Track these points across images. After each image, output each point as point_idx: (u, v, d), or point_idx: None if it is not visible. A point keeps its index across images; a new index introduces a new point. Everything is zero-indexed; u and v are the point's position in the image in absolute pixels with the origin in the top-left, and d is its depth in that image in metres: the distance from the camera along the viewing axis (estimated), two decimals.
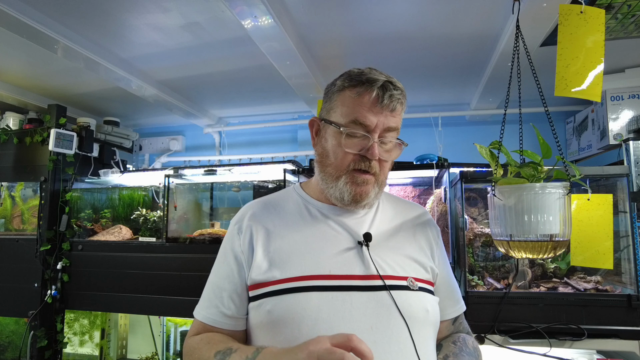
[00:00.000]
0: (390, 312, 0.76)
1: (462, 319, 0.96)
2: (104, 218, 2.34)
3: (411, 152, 2.12)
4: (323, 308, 0.75)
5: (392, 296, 0.77)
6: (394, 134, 0.84)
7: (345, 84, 0.83)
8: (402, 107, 0.84)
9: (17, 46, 1.74)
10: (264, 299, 0.78)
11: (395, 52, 1.79)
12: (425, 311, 0.80)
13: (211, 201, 2.39)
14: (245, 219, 0.88)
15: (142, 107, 2.54)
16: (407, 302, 0.78)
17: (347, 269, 0.80)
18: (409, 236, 0.90)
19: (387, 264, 0.82)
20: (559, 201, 0.87)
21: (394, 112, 0.82)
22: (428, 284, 0.85)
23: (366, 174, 0.82)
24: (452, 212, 1.78)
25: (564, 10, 1.03)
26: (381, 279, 0.79)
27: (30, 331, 2.10)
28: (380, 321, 0.75)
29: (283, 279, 0.78)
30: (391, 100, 0.80)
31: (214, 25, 1.56)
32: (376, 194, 0.85)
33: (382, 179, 0.86)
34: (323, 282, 0.78)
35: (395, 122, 0.82)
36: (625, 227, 1.50)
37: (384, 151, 0.83)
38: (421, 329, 0.78)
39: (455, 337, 0.90)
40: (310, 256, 0.81)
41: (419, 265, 0.86)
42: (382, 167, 0.85)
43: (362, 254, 0.82)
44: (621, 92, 1.82)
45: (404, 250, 0.86)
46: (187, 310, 1.98)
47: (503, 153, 0.99)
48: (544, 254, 0.90)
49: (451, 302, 0.92)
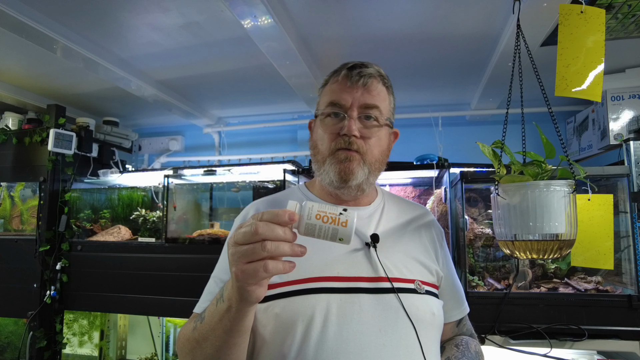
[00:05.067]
0: (399, 315, 0.76)
1: (466, 320, 0.96)
2: (103, 218, 2.33)
3: (411, 152, 2.12)
4: (332, 310, 0.74)
5: (399, 299, 0.77)
6: (375, 112, 0.84)
7: (327, 78, 0.90)
8: (378, 84, 0.85)
9: (16, 46, 1.73)
10: (272, 302, 0.77)
11: (395, 52, 1.79)
12: (431, 314, 0.80)
13: (211, 201, 2.39)
14: (249, 216, 0.88)
15: (141, 107, 2.53)
16: (415, 305, 0.78)
17: (356, 270, 0.79)
18: (414, 237, 0.90)
19: (395, 266, 0.82)
20: (564, 199, 0.86)
21: (368, 88, 0.83)
22: (433, 287, 0.86)
23: (348, 151, 0.83)
24: (453, 212, 1.78)
25: (564, 10, 1.03)
26: (389, 281, 0.78)
27: (30, 332, 2.09)
28: (389, 324, 0.75)
29: (291, 281, 0.77)
30: (360, 76, 0.83)
31: (213, 25, 1.56)
32: (366, 175, 0.84)
33: (370, 159, 0.85)
34: (332, 284, 0.77)
35: (372, 99, 0.84)
36: (625, 227, 1.50)
37: (363, 127, 0.83)
38: (428, 332, 0.79)
39: (458, 340, 0.89)
40: (318, 257, 0.79)
41: (424, 268, 0.86)
42: (368, 146, 0.84)
43: (369, 256, 0.82)
44: (621, 92, 1.81)
45: (410, 252, 0.86)
46: (187, 311, 1.96)
47: (506, 152, 0.98)
48: (550, 254, 0.88)
49: (455, 304, 0.93)
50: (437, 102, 2.46)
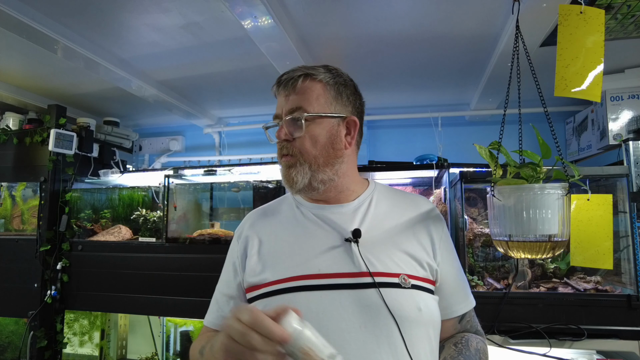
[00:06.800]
0: (379, 310, 0.75)
1: (471, 316, 0.92)
2: (104, 218, 2.34)
3: (411, 152, 2.13)
4: (312, 308, 0.75)
5: (381, 294, 0.76)
6: (298, 113, 0.84)
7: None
8: (304, 82, 0.86)
9: (17, 46, 1.74)
10: (257, 301, 0.81)
11: (395, 52, 1.79)
12: (417, 310, 0.77)
13: (211, 201, 2.39)
14: (244, 228, 0.94)
15: (142, 107, 2.54)
16: (397, 300, 0.76)
17: (337, 267, 0.79)
18: (407, 231, 0.87)
19: (379, 261, 0.80)
20: (558, 202, 0.87)
21: (291, 91, 0.85)
22: (424, 282, 0.82)
23: (284, 157, 0.86)
24: (452, 212, 1.78)
25: (563, 10, 1.03)
26: (371, 276, 0.77)
27: (30, 331, 2.10)
28: (370, 320, 0.75)
29: (274, 281, 0.80)
30: (285, 82, 0.86)
31: (213, 26, 1.56)
32: (308, 175, 0.84)
33: (308, 157, 0.84)
34: (312, 281, 0.78)
35: (294, 102, 0.85)
36: (625, 227, 1.50)
37: (293, 130, 0.84)
38: (413, 328, 0.76)
39: (459, 338, 0.86)
40: (299, 256, 0.82)
41: (414, 261, 0.83)
42: (301, 145, 0.84)
43: (351, 251, 0.81)
44: (621, 92, 1.82)
45: (399, 246, 0.84)
46: (187, 311, 1.98)
47: (502, 153, 0.98)
48: (543, 254, 0.89)
49: (457, 299, 0.88)
50: (436, 102, 2.46)
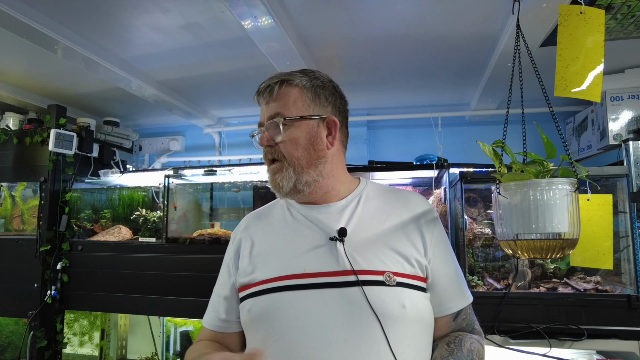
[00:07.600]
0: (362, 308, 0.75)
1: (467, 314, 0.89)
2: (104, 218, 2.34)
3: (411, 152, 2.13)
4: (296, 306, 0.77)
5: (364, 292, 0.76)
6: (276, 119, 0.86)
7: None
8: (281, 88, 0.88)
9: (17, 46, 1.74)
10: (247, 300, 0.84)
11: (395, 52, 1.79)
12: (400, 307, 0.76)
13: (211, 201, 2.39)
14: (239, 230, 0.97)
15: (142, 107, 2.54)
16: (380, 298, 0.75)
17: (322, 266, 0.80)
18: (396, 228, 0.86)
19: (365, 259, 0.80)
20: (567, 198, 0.84)
21: (270, 99, 0.88)
22: (412, 279, 0.81)
23: (270, 163, 0.89)
24: (452, 212, 1.78)
25: (563, 10, 1.03)
26: (354, 274, 0.77)
27: (30, 331, 2.09)
28: (352, 318, 0.75)
29: (262, 281, 0.83)
30: (263, 91, 0.89)
31: (214, 26, 1.56)
32: (293, 178, 0.85)
33: (291, 160, 0.85)
34: (297, 281, 0.80)
35: (272, 109, 0.87)
36: (625, 227, 1.50)
37: (274, 135, 0.87)
38: (397, 326, 0.75)
39: (452, 338, 0.84)
40: (286, 256, 0.84)
41: (402, 258, 0.82)
42: (284, 149, 0.86)
43: (336, 250, 0.81)
44: (621, 92, 1.82)
45: (387, 243, 0.83)
46: (187, 311, 1.98)
47: (506, 152, 0.97)
48: (553, 254, 0.85)
49: (450, 296, 0.86)
50: (436, 102, 2.46)
